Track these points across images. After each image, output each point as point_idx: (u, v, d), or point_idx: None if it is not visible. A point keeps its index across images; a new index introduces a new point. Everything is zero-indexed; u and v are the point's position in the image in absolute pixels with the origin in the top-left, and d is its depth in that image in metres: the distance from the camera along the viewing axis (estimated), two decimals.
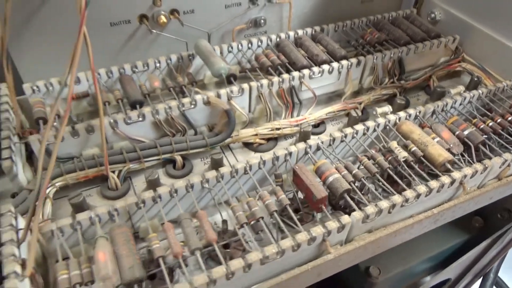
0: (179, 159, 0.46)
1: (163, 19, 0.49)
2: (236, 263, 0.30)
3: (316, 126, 0.52)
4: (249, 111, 0.51)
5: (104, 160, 0.41)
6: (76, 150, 0.43)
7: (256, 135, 0.49)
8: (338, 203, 0.40)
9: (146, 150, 0.44)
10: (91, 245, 0.33)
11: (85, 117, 0.50)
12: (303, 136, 0.48)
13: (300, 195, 0.39)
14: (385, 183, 0.38)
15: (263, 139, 0.50)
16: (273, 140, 0.50)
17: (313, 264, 0.34)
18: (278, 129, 0.49)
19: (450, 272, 0.69)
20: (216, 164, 0.44)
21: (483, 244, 0.65)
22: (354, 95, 0.57)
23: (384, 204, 0.35)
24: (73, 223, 0.33)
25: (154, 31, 0.50)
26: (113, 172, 0.43)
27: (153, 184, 0.42)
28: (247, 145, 0.50)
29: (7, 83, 0.40)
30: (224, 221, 0.38)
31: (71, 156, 0.42)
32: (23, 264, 0.30)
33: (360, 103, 0.55)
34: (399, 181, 0.38)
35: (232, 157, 0.48)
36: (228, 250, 0.37)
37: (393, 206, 0.36)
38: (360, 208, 0.35)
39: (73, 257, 0.31)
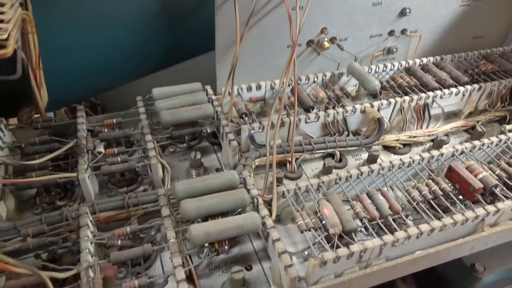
0: (338, 153, 0.58)
1: (326, 44, 0.63)
2: (426, 227, 0.41)
3: None
4: (389, 121, 0.62)
5: (289, 148, 0.54)
6: (266, 140, 0.56)
7: (398, 140, 0.60)
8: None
9: (317, 144, 0.56)
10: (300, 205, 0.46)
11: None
12: (438, 144, 0.59)
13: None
14: None
15: (401, 144, 0.61)
16: (407, 146, 0.62)
17: (473, 237, 0.44)
18: (414, 137, 0.61)
19: None
20: (373, 159, 0.56)
21: None
22: (468, 115, 0.68)
23: None
24: (296, 188, 0.46)
25: (321, 53, 0.64)
26: None
27: (327, 170, 0.54)
28: (387, 148, 0.61)
29: (230, 88, 0.55)
30: None
31: (263, 144, 0.56)
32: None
33: (478, 122, 0.65)
34: None
35: None
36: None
37: None
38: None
39: (301, 210, 0.44)
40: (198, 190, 0.42)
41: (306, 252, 0.45)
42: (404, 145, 0.62)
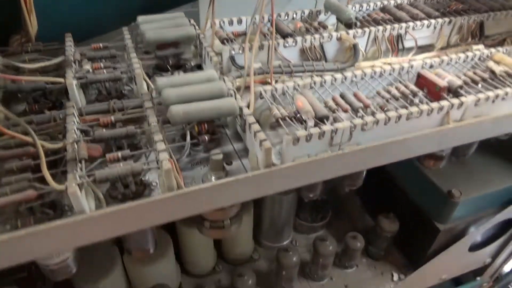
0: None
1: None
2: (393, 114, 0.44)
3: None
4: (364, 51, 0.66)
5: (269, 70, 0.57)
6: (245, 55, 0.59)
7: (373, 66, 0.63)
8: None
9: (295, 67, 0.59)
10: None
11: None
12: None
13: None
14: (488, 86, 0.52)
15: None
16: None
17: (439, 129, 0.47)
18: (389, 64, 0.64)
19: None
20: None
21: None
22: (440, 50, 0.71)
23: (491, 93, 0.49)
24: (272, 89, 0.49)
25: None
26: None
27: None
28: None
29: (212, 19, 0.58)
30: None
31: (243, 66, 0.59)
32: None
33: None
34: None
35: None
36: None
37: (497, 96, 0.49)
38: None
39: (276, 104, 0.46)
40: (179, 82, 0.45)
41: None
42: None
